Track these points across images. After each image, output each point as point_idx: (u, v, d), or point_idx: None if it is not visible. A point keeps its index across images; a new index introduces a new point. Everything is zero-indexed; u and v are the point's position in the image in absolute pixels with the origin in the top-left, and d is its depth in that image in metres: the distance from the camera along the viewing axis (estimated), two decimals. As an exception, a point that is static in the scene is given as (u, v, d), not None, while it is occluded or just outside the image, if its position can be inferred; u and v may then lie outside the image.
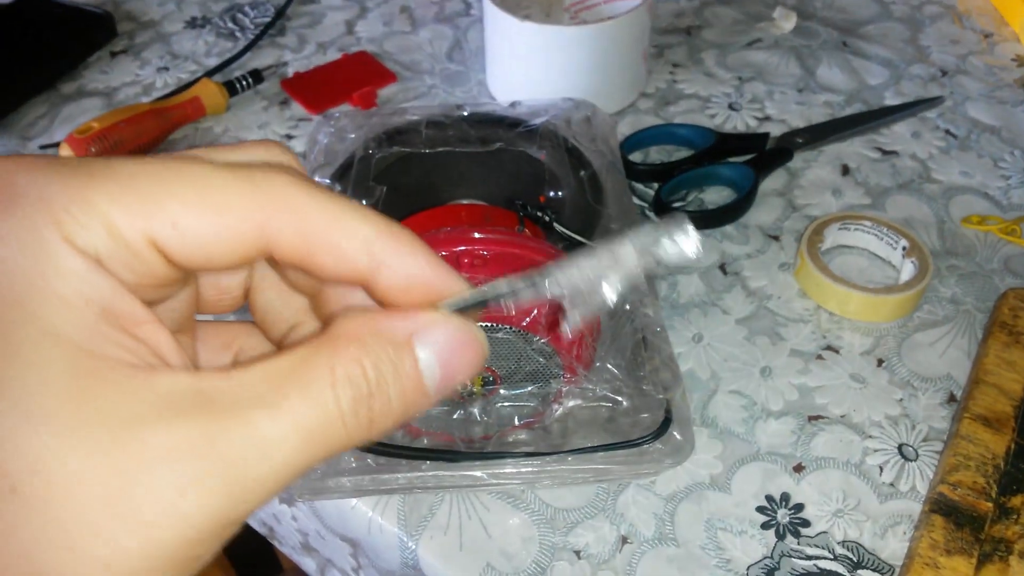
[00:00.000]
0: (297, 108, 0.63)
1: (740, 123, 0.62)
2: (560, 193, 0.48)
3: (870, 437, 0.43)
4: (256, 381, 0.17)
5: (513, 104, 0.54)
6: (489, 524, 0.40)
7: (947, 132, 0.61)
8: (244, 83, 0.63)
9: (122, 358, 0.16)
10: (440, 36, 0.70)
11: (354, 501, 0.41)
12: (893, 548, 0.39)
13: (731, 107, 0.63)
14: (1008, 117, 0.63)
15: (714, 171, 0.56)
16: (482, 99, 0.64)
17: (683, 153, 0.59)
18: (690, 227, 0.20)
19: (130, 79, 0.66)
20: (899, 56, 0.68)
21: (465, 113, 0.51)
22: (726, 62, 0.68)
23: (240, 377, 0.17)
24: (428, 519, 0.40)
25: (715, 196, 0.57)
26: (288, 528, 0.48)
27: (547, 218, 0.44)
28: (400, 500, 0.41)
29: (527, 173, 0.49)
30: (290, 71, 0.66)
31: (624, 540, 0.40)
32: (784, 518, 0.40)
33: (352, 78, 0.65)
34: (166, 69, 0.67)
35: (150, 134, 0.59)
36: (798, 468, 0.42)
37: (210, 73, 0.65)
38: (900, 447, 0.43)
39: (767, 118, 0.62)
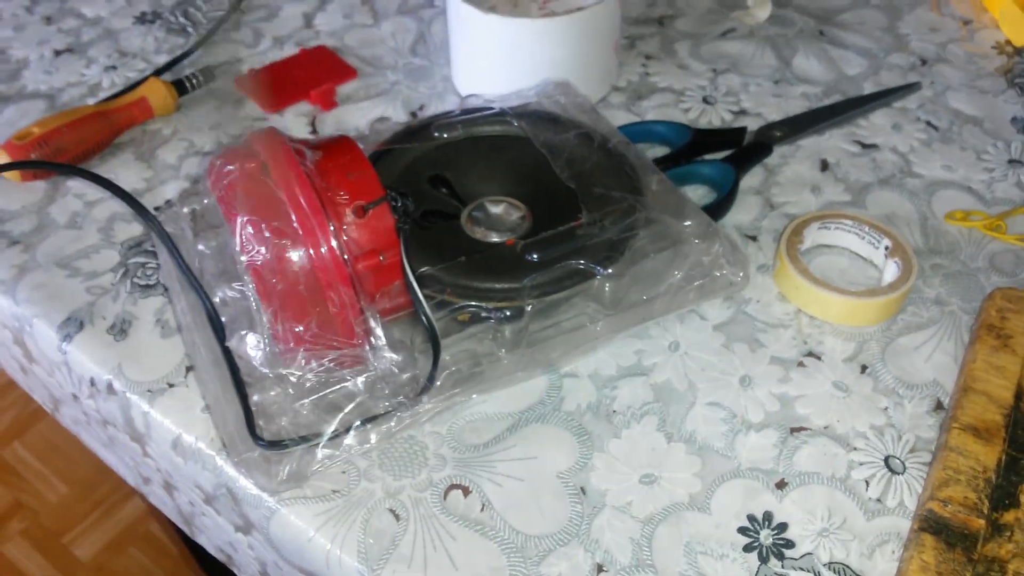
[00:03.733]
0: (252, 107, 0.60)
1: (715, 117, 0.60)
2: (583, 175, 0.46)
3: (855, 449, 0.41)
4: None
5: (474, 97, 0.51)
6: (456, 555, 0.38)
7: (928, 124, 0.59)
8: (195, 81, 0.60)
9: None
10: (403, 29, 0.67)
11: (312, 532, 0.38)
12: (881, 569, 0.37)
13: (705, 100, 0.61)
14: (990, 107, 0.61)
15: (693, 170, 0.54)
16: (447, 95, 0.61)
17: (659, 151, 0.57)
18: None
19: (75, 79, 0.63)
20: (877, 45, 0.66)
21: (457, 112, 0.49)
22: (700, 53, 0.65)
23: None
24: (390, 551, 0.38)
25: (693, 196, 0.54)
26: (245, 556, 0.46)
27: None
28: (360, 531, 0.38)
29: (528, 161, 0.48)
30: (244, 68, 0.63)
31: (600, 568, 0.37)
32: (767, 539, 0.38)
33: (310, 75, 0.62)
34: (113, 68, 0.64)
35: (94, 139, 0.56)
36: (780, 484, 0.40)
37: (159, 72, 0.62)
38: (887, 459, 0.41)
39: (743, 111, 0.60)
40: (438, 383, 0.39)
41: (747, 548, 0.38)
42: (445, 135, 0.49)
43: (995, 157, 0.57)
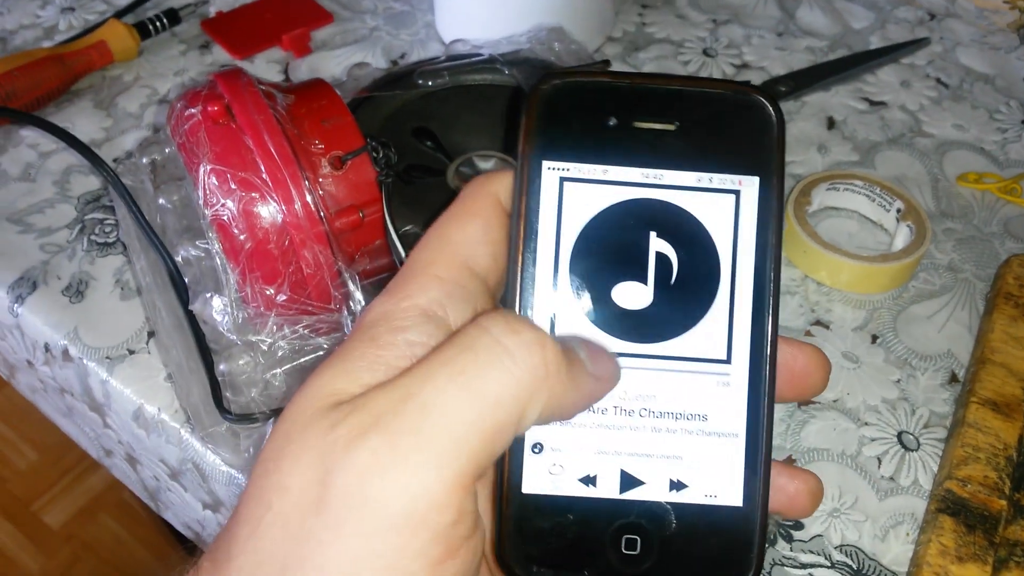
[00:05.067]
0: (220, 52, 0.56)
1: (716, 71, 0.56)
2: None
3: (866, 424, 0.39)
4: None
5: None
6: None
7: (938, 81, 0.56)
8: (158, 24, 0.56)
9: None
10: (383, -27, 0.63)
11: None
12: (896, 552, 0.35)
13: (706, 53, 0.57)
14: (1002, 64, 0.58)
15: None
16: (430, 43, 0.57)
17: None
18: None
19: (28, 21, 0.58)
20: (884, -3, 0.63)
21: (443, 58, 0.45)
22: (699, 2, 0.61)
23: None
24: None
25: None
26: (213, 533, 0.43)
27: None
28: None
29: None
30: (212, 10, 0.59)
31: (596, 551, 0.35)
32: (774, 520, 0.36)
33: (282, 18, 0.57)
34: (71, 9, 0.59)
35: (48, 84, 0.51)
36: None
37: (120, 13, 0.57)
38: (899, 435, 0.39)
39: (745, 65, 0.57)
40: (423, 352, 0.36)
41: (753, 529, 0.36)
42: (430, 83, 0.45)
43: (1008, 116, 0.54)
